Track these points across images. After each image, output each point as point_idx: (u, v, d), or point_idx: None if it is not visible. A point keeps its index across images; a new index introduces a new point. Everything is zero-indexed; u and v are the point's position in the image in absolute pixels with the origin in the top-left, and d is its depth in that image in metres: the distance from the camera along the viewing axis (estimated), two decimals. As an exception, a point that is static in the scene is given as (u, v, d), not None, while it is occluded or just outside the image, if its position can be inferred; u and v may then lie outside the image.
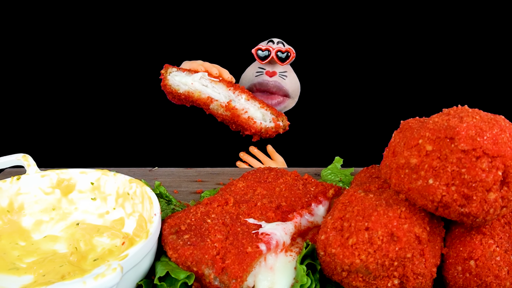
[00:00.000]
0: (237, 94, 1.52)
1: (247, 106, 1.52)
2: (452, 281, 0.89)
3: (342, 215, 0.93)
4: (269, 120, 1.54)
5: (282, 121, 1.54)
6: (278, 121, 1.54)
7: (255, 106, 1.53)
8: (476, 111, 0.88)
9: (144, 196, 1.07)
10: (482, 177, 0.78)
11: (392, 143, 0.98)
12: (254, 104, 1.53)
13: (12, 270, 0.96)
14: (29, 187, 1.14)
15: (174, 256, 0.94)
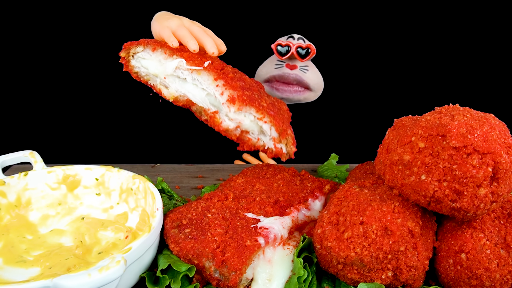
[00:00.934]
0: (226, 99, 1.06)
1: (239, 118, 1.08)
2: (444, 273, 0.89)
3: (337, 210, 0.93)
4: (269, 138, 1.12)
5: (286, 145, 1.12)
6: (280, 144, 1.12)
7: (249, 117, 1.08)
8: (467, 110, 0.88)
9: (147, 192, 1.07)
10: (473, 173, 0.78)
11: (386, 140, 0.98)
12: (248, 114, 1.08)
13: (19, 262, 0.97)
14: (36, 183, 1.14)
15: (175, 249, 0.94)
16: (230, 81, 1.06)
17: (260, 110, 1.06)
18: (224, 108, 1.06)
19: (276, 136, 1.10)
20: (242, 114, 1.06)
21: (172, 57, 1.08)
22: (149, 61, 1.11)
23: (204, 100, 1.09)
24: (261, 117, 1.07)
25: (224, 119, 1.09)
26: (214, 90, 1.06)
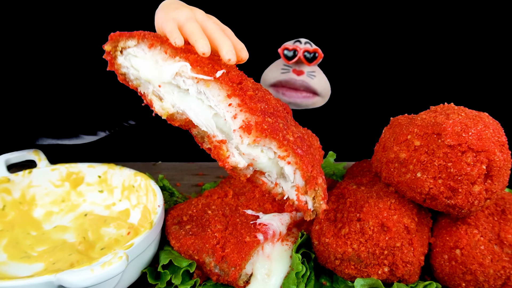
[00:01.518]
0: (239, 126, 0.73)
1: (254, 154, 0.75)
2: (439, 268, 0.89)
3: (335, 207, 0.93)
4: (292, 185, 0.78)
5: (314, 199, 0.78)
6: (304, 196, 0.78)
7: (268, 153, 0.76)
8: (461, 109, 0.88)
9: (148, 189, 1.07)
10: (467, 170, 0.79)
11: (383, 138, 0.98)
12: (267, 150, 0.75)
13: (24, 258, 0.97)
14: (40, 180, 1.14)
15: (176, 245, 0.94)
16: (249, 100, 0.74)
17: (284, 145, 0.74)
18: (235, 137, 0.74)
19: (302, 185, 0.77)
20: (258, 148, 0.75)
21: (173, 59, 0.76)
22: (142, 60, 0.79)
23: (210, 122, 0.77)
24: (284, 156, 0.75)
25: (233, 152, 0.76)
26: (225, 110, 0.74)
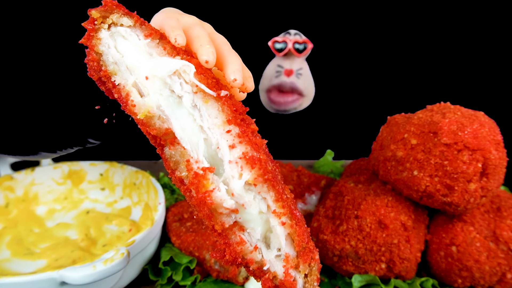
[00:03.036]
0: (239, 157, 0.56)
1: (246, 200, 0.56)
2: (436, 265, 0.89)
3: (333, 204, 0.93)
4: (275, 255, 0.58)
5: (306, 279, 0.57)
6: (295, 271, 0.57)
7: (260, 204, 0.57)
8: (457, 108, 0.88)
9: (149, 186, 1.07)
10: (463, 169, 0.79)
11: (380, 137, 0.98)
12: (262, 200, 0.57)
13: (27, 255, 0.97)
14: (43, 178, 1.14)
15: (177, 242, 0.94)
16: (251, 135, 0.59)
17: (282, 200, 0.57)
18: (231, 171, 0.56)
19: (293, 256, 0.57)
20: (252, 194, 0.56)
21: (171, 56, 0.62)
22: (132, 45, 0.62)
23: (197, 145, 0.59)
24: (281, 213, 0.56)
25: (219, 186, 0.55)
26: (220, 136, 0.58)
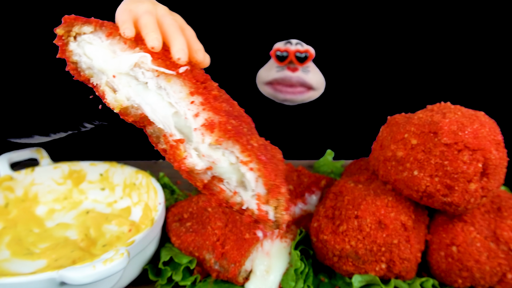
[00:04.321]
0: (201, 124, 0.65)
1: (214, 156, 0.65)
2: (436, 265, 0.89)
3: (333, 204, 0.93)
4: (252, 195, 0.67)
5: (275, 210, 0.65)
6: (266, 206, 0.66)
7: (229, 157, 0.66)
8: (458, 108, 0.87)
9: (149, 187, 1.07)
10: (464, 169, 0.78)
11: (380, 137, 0.98)
12: (228, 153, 0.65)
13: (26, 255, 0.96)
14: (43, 178, 1.14)
15: (177, 242, 0.94)
16: (213, 100, 0.67)
17: (247, 150, 0.64)
18: (196, 137, 0.65)
19: (263, 193, 0.66)
20: (220, 151, 0.65)
21: (133, 50, 0.69)
22: (98, 48, 0.71)
23: (168, 120, 0.68)
24: (247, 161, 0.64)
25: (191, 153, 0.66)
26: (186, 108, 0.66)
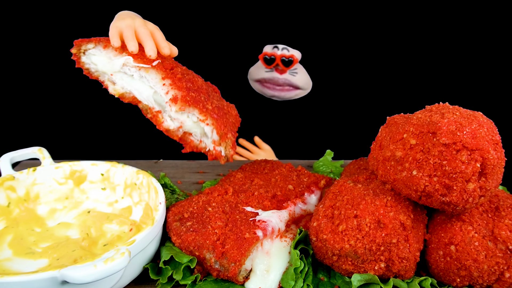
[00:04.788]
0: (169, 99, 1.01)
1: (181, 119, 1.04)
2: (434, 264, 0.89)
3: (332, 204, 0.93)
4: (210, 141, 1.07)
5: (225, 148, 1.07)
6: (219, 147, 1.07)
7: (192, 118, 1.04)
8: (456, 108, 0.88)
9: (150, 186, 1.07)
10: (462, 168, 0.78)
11: (379, 137, 0.98)
12: (191, 115, 1.03)
13: (28, 254, 0.96)
14: (44, 178, 1.14)
15: (177, 241, 0.94)
16: (178, 81, 1.02)
17: (203, 112, 1.02)
18: (167, 107, 1.02)
19: (217, 139, 1.05)
20: (185, 114, 1.02)
21: (121, 55, 1.04)
22: (99, 57, 1.07)
23: (150, 98, 1.05)
24: (204, 119, 1.02)
25: (166, 118, 1.05)
26: (160, 88, 1.02)
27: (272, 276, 0.91)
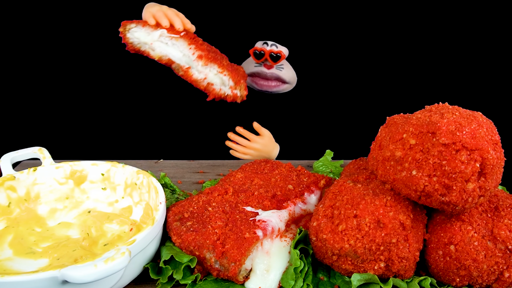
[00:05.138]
0: (196, 57, 1.34)
1: (205, 72, 1.36)
2: (434, 264, 0.89)
3: (332, 204, 0.93)
4: (228, 87, 1.40)
5: (240, 91, 1.40)
6: (235, 90, 1.40)
7: (213, 71, 1.36)
8: (455, 108, 0.88)
9: (150, 186, 1.07)
10: (461, 168, 0.78)
11: (379, 137, 0.98)
12: (212, 69, 1.36)
13: (29, 254, 0.96)
14: (45, 178, 1.14)
15: (178, 241, 0.94)
16: (200, 45, 1.35)
17: (221, 66, 1.35)
18: (195, 63, 1.34)
19: (233, 85, 1.37)
20: (208, 68, 1.34)
21: (156, 29, 1.35)
22: (139, 33, 1.36)
23: (181, 59, 1.35)
24: (222, 71, 1.35)
25: (194, 72, 1.35)
26: (188, 51, 1.34)
27: (272, 276, 0.91)
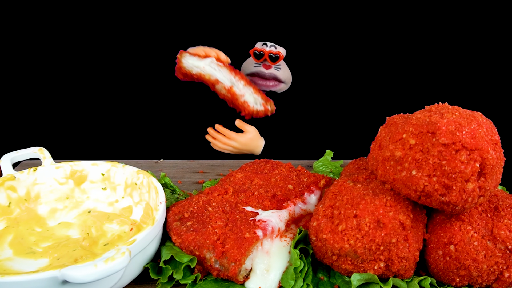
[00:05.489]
0: (237, 79, 1.60)
1: (244, 92, 1.60)
2: (434, 264, 0.89)
3: (332, 204, 0.93)
4: (260, 104, 1.64)
5: (270, 106, 1.64)
6: (266, 106, 1.64)
7: (249, 91, 1.61)
8: (455, 108, 0.88)
9: (150, 186, 1.07)
10: (461, 168, 0.78)
11: (379, 137, 0.98)
12: (249, 90, 1.61)
13: (29, 254, 0.96)
14: (45, 178, 1.14)
15: (178, 241, 0.94)
16: (239, 73, 1.60)
17: (255, 89, 1.62)
18: (237, 83, 1.60)
19: (264, 102, 1.62)
20: (246, 88, 1.60)
21: (205, 59, 1.59)
22: (191, 60, 1.59)
23: (225, 80, 1.59)
24: (255, 92, 1.62)
25: (236, 90, 1.59)
26: (230, 75, 1.60)
27: (272, 276, 0.91)
